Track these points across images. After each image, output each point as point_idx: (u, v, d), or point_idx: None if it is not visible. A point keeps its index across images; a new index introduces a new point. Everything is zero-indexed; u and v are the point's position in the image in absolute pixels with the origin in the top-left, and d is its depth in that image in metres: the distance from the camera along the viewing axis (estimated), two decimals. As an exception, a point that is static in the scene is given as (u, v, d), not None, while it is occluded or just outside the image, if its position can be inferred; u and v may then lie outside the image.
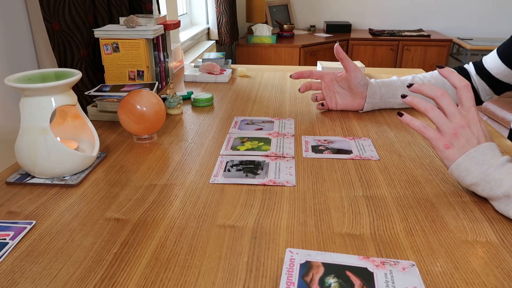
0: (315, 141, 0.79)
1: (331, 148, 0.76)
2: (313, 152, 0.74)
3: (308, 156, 0.72)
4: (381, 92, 0.87)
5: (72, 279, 0.44)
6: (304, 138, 0.80)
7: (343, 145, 0.77)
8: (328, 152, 0.74)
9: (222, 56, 1.36)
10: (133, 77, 1.02)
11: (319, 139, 0.79)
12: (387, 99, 0.88)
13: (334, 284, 0.42)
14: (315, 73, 0.91)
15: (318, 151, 0.74)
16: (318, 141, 0.79)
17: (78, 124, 0.72)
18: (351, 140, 0.79)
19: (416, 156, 0.73)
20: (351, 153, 0.74)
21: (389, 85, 0.88)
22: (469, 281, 0.44)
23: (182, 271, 0.45)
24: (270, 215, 0.56)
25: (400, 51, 3.18)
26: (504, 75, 0.88)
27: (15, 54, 0.90)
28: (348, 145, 0.77)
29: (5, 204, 0.59)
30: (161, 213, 0.56)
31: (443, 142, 0.58)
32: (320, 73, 0.91)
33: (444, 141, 0.58)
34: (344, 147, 0.76)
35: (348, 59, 0.87)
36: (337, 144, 0.77)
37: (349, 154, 0.73)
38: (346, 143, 0.78)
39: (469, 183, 0.57)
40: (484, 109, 2.52)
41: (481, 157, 0.56)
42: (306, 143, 0.77)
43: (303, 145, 0.77)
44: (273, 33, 3.22)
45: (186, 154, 0.74)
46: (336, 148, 0.76)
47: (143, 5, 1.28)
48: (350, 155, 0.73)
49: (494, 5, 3.39)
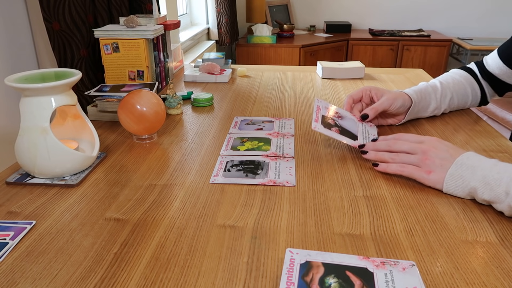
0: (326, 110, 0.78)
1: (339, 126, 0.76)
2: (322, 124, 0.73)
3: (316, 129, 0.72)
4: (418, 107, 0.86)
5: (72, 279, 0.44)
6: (317, 103, 0.78)
7: (351, 125, 0.78)
8: (336, 130, 0.74)
9: (222, 56, 1.36)
10: (133, 77, 1.02)
11: (328, 108, 0.79)
12: (420, 113, 0.88)
13: (334, 284, 0.42)
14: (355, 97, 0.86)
15: (327, 125, 0.74)
16: (327, 108, 0.78)
17: (78, 124, 0.72)
18: (359, 123, 0.80)
19: (416, 156, 0.73)
20: (356, 139, 0.74)
21: (425, 99, 0.87)
22: (469, 281, 0.44)
23: (182, 271, 0.45)
24: (270, 215, 0.56)
25: (400, 51, 3.18)
26: (506, 76, 0.88)
27: (15, 54, 0.90)
28: (355, 128, 0.78)
29: (5, 204, 0.59)
30: (161, 213, 0.56)
31: (423, 170, 0.62)
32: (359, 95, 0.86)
33: (422, 169, 0.62)
34: (351, 129, 0.77)
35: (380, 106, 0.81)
36: (346, 123, 0.78)
37: (354, 140, 0.74)
38: (354, 125, 0.78)
39: (468, 190, 0.58)
40: (484, 109, 2.52)
41: (470, 163, 0.58)
42: (318, 110, 0.76)
43: (314, 112, 0.75)
44: (273, 33, 3.22)
45: (186, 154, 0.74)
46: (344, 127, 0.76)
47: (143, 5, 1.28)
48: (354, 142, 0.73)
49: (494, 5, 3.39)
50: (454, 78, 0.92)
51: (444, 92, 0.89)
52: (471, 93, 0.92)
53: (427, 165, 0.61)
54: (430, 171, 0.61)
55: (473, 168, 0.57)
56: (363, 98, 0.86)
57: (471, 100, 0.92)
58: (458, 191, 0.59)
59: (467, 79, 0.92)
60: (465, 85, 0.91)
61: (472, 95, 0.92)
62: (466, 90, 0.91)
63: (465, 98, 0.92)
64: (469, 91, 0.91)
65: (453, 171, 0.59)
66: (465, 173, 0.58)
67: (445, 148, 0.62)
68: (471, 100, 0.92)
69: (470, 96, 0.92)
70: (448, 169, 0.59)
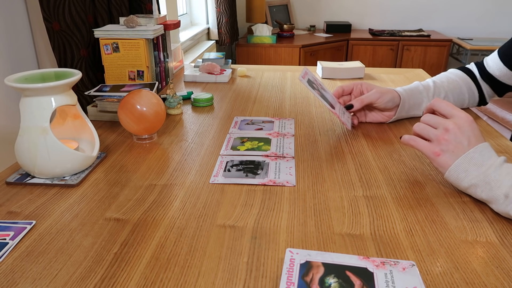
0: (314, 78, 0.83)
1: (321, 93, 0.81)
2: (308, 83, 0.79)
3: (302, 81, 0.77)
4: (409, 105, 0.87)
5: (72, 279, 0.44)
6: (306, 70, 0.82)
7: (332, 100, 0.83)
8: (318, 93, 0.80)
9: (222, 56, 1.36)
10: (133, 77, 1.02)
11: (316, 80, 0.84)
12: (412, 111, 0.89)
13: (334, 284, 0.42)
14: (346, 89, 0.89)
15: (312, 86, 0.80)
16: (316, 81, 0.83)
17: (78, 124, 0.72)
18: (338, 103, 0.85)
19: (416, 156, 0.73)
20: (333, 108, 0.80)
21: (416, 97, 0.88)
22: (469, 281, 0.44)
23: (182, 271, 0.45)
24: (270, 215, 0.56)
25: (400, 51, 3.17)
26: (507, 77, 0.88)
27: (15, 54, 0.90)
28: (334, 103, 0.84)
29: (5, 204, 0.59)
30: (161, 213, 0.56)
31: (432, 150, 0.60)
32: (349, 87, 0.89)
33: (433, 148, 0.60)
34: (331, 101, 0.83)
35: (367, 98, 0.84)
36: (328, 96, 0.83)
37: (332, 108, 0.80)
38: (333, 101, 0.84)
39: (467, 185, 0.57)
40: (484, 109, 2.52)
41: (479, 158, 0.57)
42: (306, 74, 0.81)
43: (303, 73, 0.80)
44: (273, 33, 3.22)
45: (186, 154, 0.74)
46: (325, 96, 0.81)
47: (143, 5, 1.28)
48: (331, 108, 0.80)
49: (494, 5, 3.39)
50: (449, 77, 0.92)
51: (437, 91, 0.89)
52: (467, 92, 0.91)
53: (441, 144, 0.59)
54: (440, 153, 0.59)
55: (480, 165, 0.56)
56: (354, 91, 0.88)
57: (468, 99, 0.92)
58: (458, 182, 0.58)
59: (462, 79, 0.92)
60: (460, 84, 0.91)
61: (469, 94, 0.92)
62: (461, 89, 0.91)
63: (462, 97, 0.91)
64: (465, 90, 0.91)
65: (460, 162, 0.58)
66: (471, 168, 0.57)
67: (467, 133, 0.59)
68: (468, 99, 0.92)
69: (466, 94, 0.92)
70: (457, 158, 0.58)
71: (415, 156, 0.73)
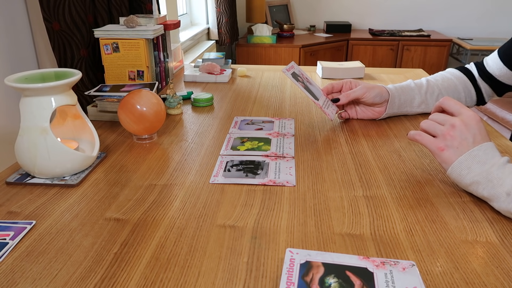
0: (299, 72, 0.86)
1: (306, 86, 0.83)
2: (292, 76, 0.82)
3: (286, 74, 0.81)
4: (400, 101, 0.88)
5: (72, 279, 0.44)
6: (292, 64, 0.85)
7: (317, 92, 0.86)
8: (302, 85, 0.82)
9: (222, 56, 1.36)
10: (133, 77, 1.02)
11: (303, 74, 0.87)
12: (404, 108, 0.89)
13: (334, 284, 0.42)
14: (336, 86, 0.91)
15: (296, 79, 0.83)
16: (302, 75, 0.86)
17: (78, 124, 0.72)
18: (323, 96, 0.87)
19: (416, 156, 0.73)
20: (317, 100, 0.83)
21: (407, 93, 0.88)
22: (469, 281, 0.44)
23: (182, 271, 0.45)
24: (270, 215, 0.56)
25: (400, 51, 3.17)
26: (506, 77, 0.88)
27: (15, 54, 0.90)
28: (319, 95, 0.86)
29: (5, 204, 0.59)
30: (161, 213, 0.56)
31: (437, 145, 0.61)
32: (339, 85, 0.90)
33: (438, 143, 0.61)
34: (316, 93, 0.85)
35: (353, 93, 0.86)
36: (313, 88, 0.86)
37: (316, 100, 0.83)
38: (319, 93, 0.86)
39: (469, 181, 0.57)
40: (484, 109, 2.52)
41: (483, 156, 0.57)
42: (291, 67, 0.84)
43: (288, 66, 0.82)
44: (273, 33, 3.22)
45: (186, 154, 0.74)
46: (310, 89, 0.84)
47: (143, 5, 1.28)
48: (315, 100, 0.82)
49: (494, 5, 3.39)
50: (444, 76, 0.92)
51: (430, 89, 0.89)
52: (463, 91, 0.91)
53: (446, 140, 0.60)
54: (444, 148, 0.60)
55: (483, 163, 0.57)
56: (343, 89, 0.90)
57: (464, 98, 0.92)
58: (460, 179, 0.59)
59: (458, 78, 0.92)
60: (455, 83, 0.91)
61: (465, 92, 0.91)
62: (456, 88, 0.91)
63: (457, 96, 0.91)
64: (461, 88, 0.91)
65: (464, 159, 0.58)
66: (474, 165, 0.57)
67: (473, 130, 0.59)
68: (465, 98, 0.92)
69: (462, 93, 0.91)
70: (461, 155, 0.58)
71: (415, 156, 0.73)
